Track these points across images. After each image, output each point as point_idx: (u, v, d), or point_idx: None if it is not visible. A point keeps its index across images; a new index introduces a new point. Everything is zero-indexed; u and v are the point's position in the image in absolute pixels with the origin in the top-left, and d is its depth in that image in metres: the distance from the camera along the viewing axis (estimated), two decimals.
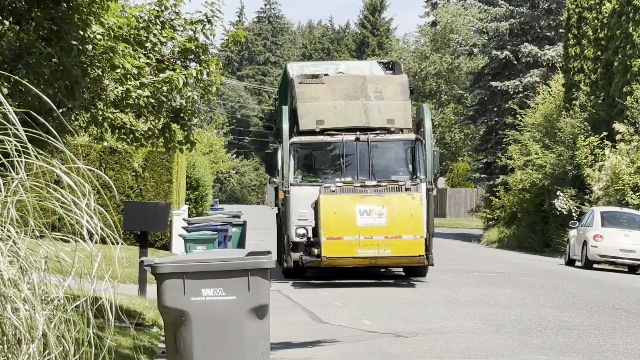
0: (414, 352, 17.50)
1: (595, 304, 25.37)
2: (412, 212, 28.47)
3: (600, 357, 16.83)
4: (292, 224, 29.61)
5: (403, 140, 31.44)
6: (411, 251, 28.32)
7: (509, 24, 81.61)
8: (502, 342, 18.54)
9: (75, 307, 7.93)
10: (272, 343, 12.15)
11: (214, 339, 11.41)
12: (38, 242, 8.02)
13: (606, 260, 40.08)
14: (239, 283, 11.44)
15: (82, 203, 7.86)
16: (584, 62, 57.58)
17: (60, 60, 14.52)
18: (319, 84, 31.41)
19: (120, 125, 18.26)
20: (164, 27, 17.69)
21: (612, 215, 41.42)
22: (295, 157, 30.85)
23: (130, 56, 16.56)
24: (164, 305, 11.47)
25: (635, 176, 47.13)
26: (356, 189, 29.18)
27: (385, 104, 31.39)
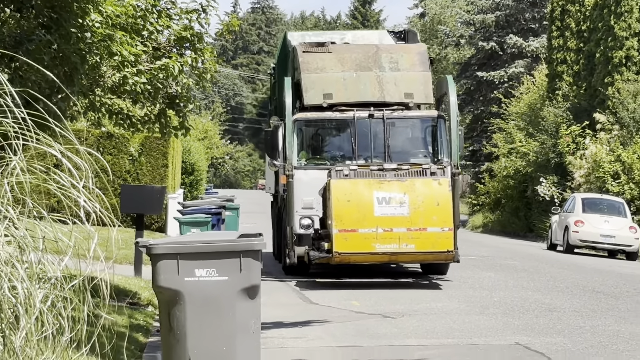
0: (400, 332, 17.51)
1: (575, 287, 25.41)
2: (439, 200, 23.22)
3: (580, 337, 16.85)
4: (296, 213, 24.61)
5: (424, 118, 26.38)
6: (438, 246, 23.00)
7: (495, 16, 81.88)
8: (486, 323, 18.55)
9: (72, 286, 7.93)
10: (263, 323, 12.16)
11: (206, 318, 11.41)
12: (36, 223, 8.00)
13: (587, 245, 40.18)
14: (231, 264, 11.44)
15: (79, 185, 7.86)
16: (567, 53, 57.73)
17: (59, 48, 14.51)
18: (326, 52, 26.26)
19: (117, 110, 18.26)
20: (160, 16, 17.67)
21: (592, 201, 41.53)
22: (300, 136, 25.65)
23: (128, 44, 16.54)
24: (159, 285, 11.47)
25: (615, 164, 47.24)
26: (373, 173, 23.67)
27: (402, 75, 26.03)
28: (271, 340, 15.39)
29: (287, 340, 16.43)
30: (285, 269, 26.26)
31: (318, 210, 24.60)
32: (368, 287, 23.87)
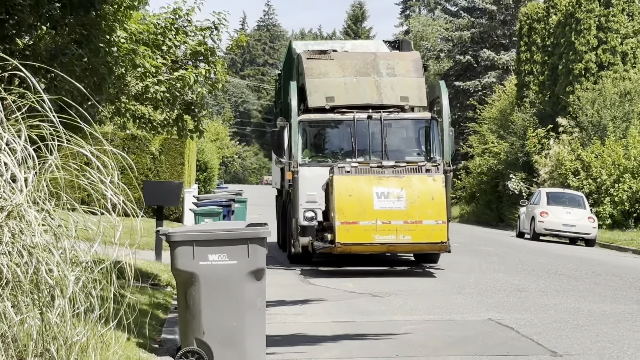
0: (387, 309, 17.51)
1: (541, 270, 25.39)
2: (434, 195, 22.37)
3: (545, 314, 16.84)
4: (301, 206, 23.72)
5: (418, 119, 25.37)
6: (433, 237, 22.21)
7: (471, 32, 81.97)
8: (462, 301, 18.54)
9: (100, 269, 7.92)
10: (267, 301, 12.15)
11: (218, 297, 11.40)
12: (69, 214, 7.99)
13: (551, 233, 40.15)
14: (240, 250, 11.43)
15: (107, 181, 7.85)
16: (534, 65, 57.87)
17: (89, 60, 14.48)
18: (328, 59, 25.25)
19: (140, 115, 18.24)
20: (178, 33, 17.66)
21: (556, 195, 41.52)
22: (304, 135, 24.79)
23: (149, 57, 16.53)
24: (177, 268, 11.47)
25: (576, 162, 47.28)
26: (372, 169, 22.72)
27: (398, 80, 25.15)
28: (275, 317, 15.37)
29: (289, 317, 16.43)
30: (290, 257, 25.49)
31: (321, 204, 23.79)
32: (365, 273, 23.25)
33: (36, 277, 7.49)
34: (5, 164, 7.56)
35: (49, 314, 7.54)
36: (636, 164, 44.86)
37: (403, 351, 13.19)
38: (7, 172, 7.58)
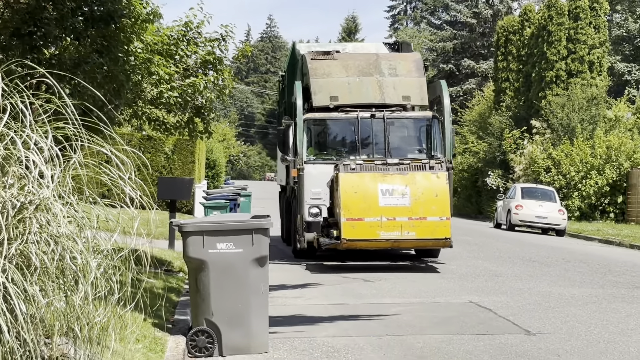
0: (378, 292, 17.53)
1: (516, 257, 25.41)
2: (438, 192, 20.77)
3: (519, 297, 16.87)
4: (306, 203, 22.00)
5: (419, 118, 23.34)
6: (437, 234, 20.62)
7: (453, 44, 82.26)
8: (445, 285, 18.56)
9: (119, 257, 7.91)
10: (270, 285, 12.15)
11: (226, 282, 11.40)
12: (91, 207, 7.99)
13: (525, 224, 40.18)
14: (245, 239, 11.44)
15: (125, 177, 7.85)
16: (509, 73, 58.02)
17: (109, 69, 14.48)
18: (331, 60, 23.51)
19: (155, 118, 18.26)
20: (189, 44, 17.66)
21: (529, 190, 41.59)
22: (309, 134, 22.83)
23: (163, 66, 16.54)
24: (188, 256, 11.48)
25: (547, 160, 47.39)
26: (377, 167, 21.14)
27: (400, 80, 23.37)
28: (276, 299, 15.38)
29: (289, 299, 16.44)
30: (295, 252, 23.73)
31: (325, 200, 22.05)
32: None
33: (61, 263, 7.49)
34: (34, 161, 7.56)
35: (73, 297, 7.54)
36: (602, 162, 44.95)
37: (392, 330, 13.20)
38: (36, 169, 7.59)
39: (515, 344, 12.14)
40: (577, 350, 11.78)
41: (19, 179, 7.63)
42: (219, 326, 11.39)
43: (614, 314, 14.95)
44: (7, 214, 7.39)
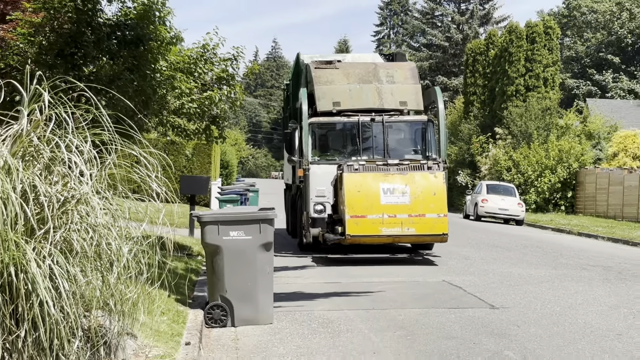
0: (365, 273, 17.53)
1: (482, 244, 25.43)
2: (435, 190, 19.26)
3: (485, 277, 16.89)
4: (311, 200, 20.58)
5: (416, 121, 21.56)
6: (435, 230, 19.08)
7: (429, 63, 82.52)
8: (424, 267, 18.58)
9: (147, 243, 7.90)
10: (275, 267, 12.15)
11: (237, 264, 11.40)
12: (124, 200, 7.98)
13: (489, 215, 40.21)
14: (253, 228, 11.45)
15: (152, 175, 7.84)
16: (477, 88, 58.12)
17: (139, 84, 14.47)
18: (333, 68, 22.04)
19: (177, 126, 18.24)
20: (206, 63, 17.65)
21: (493, 186, 41.64)
22: (313, 136, 21.20)
23: (185, 81, 16.52)
24: (206, 242, 11.49)
25: (508, 161, 47.45)
26: (379, 167, 19.63)
27: (397, 87, 21.84)
28: (280, 279, 15.37)
29: (290, 279, 16.43)
30: (301, 246, 21.81)
31: (329, 198, 20.55)
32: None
33: (98, 248, 7.48)
34: (75, 162, 7.55)
35: (108, 277, 7.53)
36: (554, 163, 45.02)
37: (378, 304, 13.20)
38: (77, 168, 7.57)
39: (481, 317, 12.15)
40: (533, 321, 11.79)
41: (63, 177, 7.62)
42: (231, 301, 11.40)
43: (564, 291, 14.98)
44: (53, 206, 7.38)
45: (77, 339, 7.21)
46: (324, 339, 10.58)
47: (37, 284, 6.82)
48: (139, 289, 7.85)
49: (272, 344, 10.30)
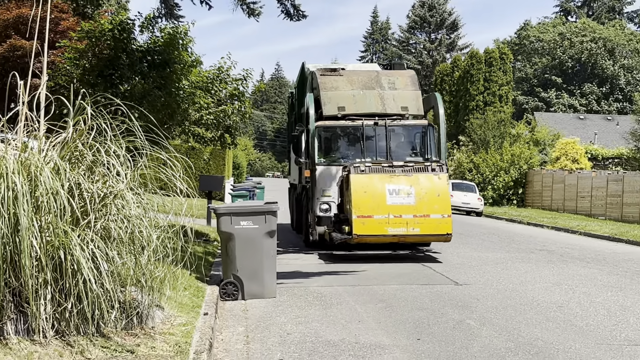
0: (353, 255, 17.51)
1: None
2: (439, 192, 16.89)
3: (452, 259, 16.89)
4: (317, 200, 18.38)
5: (417, 125, 19.23)
6: (439, 230, 16.59)
7: None
8: (402, 253, 18.55)
9: (172, 231, 7.89)
10: (277, 251, 12.14)
11: (247, 248, 11.38)
12: (153, 196, 7.97)
13: (454, 208, 40.15)
14: (260, 218, 11.43)
15: (177, 175, 7.83)
16: (444, 103, 58.12)
17: (165, 99, 14.46)
18: (338, 75, 19.86)
19: (197, 134, 18.22)
20: (221, 82, 17.63)
21: (457, 184, 41.54)
22: (319, 139, 18.91)
23: (203, 97, 16.50)
24: (220, 230, 11.46)
25: (470, 164, 47.39)
26: (384, 169, 17.23)
27: (398, 93, 19.61)
28: (281, 260, 15.35)
29: (290, 261, 16.41)
30: (307, 243, 19.45)
31: (334, 197, 18.30)
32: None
33: (132, 235, 7.47)
34: (113, 164, 7.55)
35: (140, 258, 7.52)
36: (507, 165, 45.00)
37: (362, 282, 13.19)
38: (114, 169, 7.57)
39: (447, 292, 12.15)
40: (490, 296, 11.80)
41: (103, 176, 7.62)
42: (242, 279, 11.39)
43: (516, 271, 14.98)
44: (94, 201, 7.37)
45: (114, 310, 7.20)
46: (317, 310, 10.58)
47: (81, 264, 6.81)
48: (166, 268, 7.84)
49: (275, 314, 10.30)
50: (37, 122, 7.65)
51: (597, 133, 60.59)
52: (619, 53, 74.95)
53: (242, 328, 9.35)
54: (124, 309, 7.40)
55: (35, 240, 6.72)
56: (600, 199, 33.77)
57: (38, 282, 6.73)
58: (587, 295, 12.15)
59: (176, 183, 7.78)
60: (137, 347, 7.09)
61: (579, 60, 75.26)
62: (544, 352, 8.14)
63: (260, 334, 9.04)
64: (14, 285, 6.76)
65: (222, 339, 8.67)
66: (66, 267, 6.81)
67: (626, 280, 13.99)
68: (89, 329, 6.96)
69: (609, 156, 50.88)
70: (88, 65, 14.66)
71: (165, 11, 18.78)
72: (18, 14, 23.50)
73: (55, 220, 6.91)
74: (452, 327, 9.41)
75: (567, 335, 9.03)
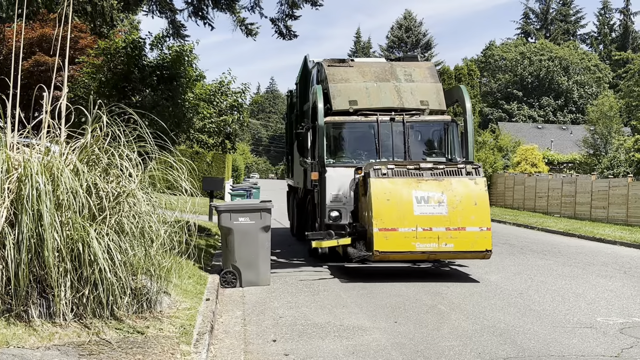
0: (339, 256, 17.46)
1: None
2: (477, 199, 12.22)
3: None
4: (327, 206, 13.89)
5: (439, 122, 14.81)
6: (477, 246, 11.98)
7: None
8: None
9: (178, 225, 7.89)
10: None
11: (244, 241, 11.37)
12: (161, 195, 7.96)
13: None
14: (256, 215, 11.43)
15: (182, 176, 7.83)
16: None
17: (172, 109, 14.44)
18: (348, 67, 15.57)
19: (200, 140, 18.20)
20: (222, 95, 17.63)
21: None
22: (329, 137, 14.49)
23: (206, 108, 16.49)
24: (221, 225, 11.45)
25: None
26: (410, 171, 12.52)
27: (417, 86, 15.26)
28: (274, 254, 15.31)
29: (282, 255, 16.38)
30: (312, 253, 14.78)
31: (346, 204, 13.84)
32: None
33: (142, 229, 7.46)
34: (126, 166, 7.55)
35: (149, 250, 7.51)
36: None
37: (348, 272, 13.17)
38: (127, 171, 7.57)
39: (421, 280, 12.14)
40: (458, 285, 11.80)
41: (117, 177, 7.61)
42: (240, 268, 11.39)
43: (481, 262, 14.86)
44: (109, 199, 7.36)
45: (126, 296, 7.19)
46: (306, 296, 10.59)
47: (97, 255, 6.81)
48: (172, 259, 7.83)
49: (270, 299, 10.30)
50: (58, 129, 7.64)
51: (553, 141, 60.90)
52: (572, 70, 75.43)
53: (240, 312, 9.35)
54: (135, 295, 7.39)
55: (57, 233, 6.71)
56: (556, 198, 33.93)
57: (59, 271, 6.73)
58: (544, 283, 12.21)
59: (182, 183, 7.77)
60: (147, 329, 7.09)
61: (537, 76, 75.68)
62: (506, 333, 8.19)
63: (256, 317, 9.05)
64: (38, 274, 6.76)
65: (222, 322, 8.67)
66: (84, 258, 6.81)
67: (578, 271, 14.07)
68: (104, 312, 6.96)
69: (564, 161, 51.12)
70: (104, 79, 14.64)
71: (172, 31, 18.78)
72: (42, 33, 23.51)
73: (74, 216, 6.91)
74: (425, 311, 9.44)
75: (526, 318, 9.07)
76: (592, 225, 26.15)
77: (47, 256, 6.60)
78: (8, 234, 6.65)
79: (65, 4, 9.16)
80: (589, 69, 76.44)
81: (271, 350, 7.36)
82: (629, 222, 26.34)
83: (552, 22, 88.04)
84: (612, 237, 21.54)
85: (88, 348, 6.32)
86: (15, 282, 6.55)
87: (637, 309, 9.86)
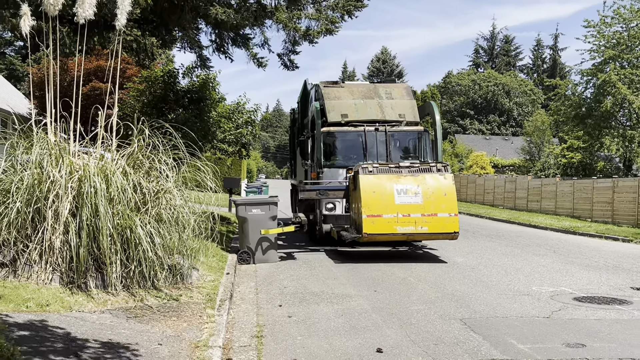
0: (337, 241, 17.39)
1: None
2: (446, 191, 12.36)
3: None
4: (323, 200, 13.83)
5: (414, 131, 15.00)
6: (447, 228, 12.04)
7: None
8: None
9: (205, 215, 7.87)
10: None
11: (256, 228, 11.33)
12: (191, 191, 7.94)
13: None
14: (266, 207, 11.39)
15: (207, 177, 7.81)
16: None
17: (200, 124, 14.40)
18: (340, 87, 15.92)
19: (222, 149, 18.18)
20: (239, 113, 17.61)
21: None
22: (325, 144, 14.59)
23: (226, 123, 16.46)
24: (238, 215, 11.41)
25: None
26: (391, 169, 12.70)
27: (395, 102, 15.61)
28: (281, 238, 15.25)
29: (286, 238, 16.31)
30: (312, 238, 15.37)
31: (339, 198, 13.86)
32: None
33: (176, 219, 7.44)
34: (163, 169, 7.53)
35: (182, 235, 7.50)
36: None
37: (340, 253, 13.13)
38: (164, 173, 7.55)
39: (395, 259, 12.11)
40: (424, 261, 11.78)
41: (156, 178, 7.58)
42: (253, 249, 11.35)
43: (442, 244, 14.88)
44: (150, 194, 7.34)
45: (164, 270, 7.18)
46: (306, 271, 10.57)
47: (141, 239, 6.79)
48: (200, 242, 7.81)
49: (276, 273, 10.28)
50: (110, 140, 7.63)
51: (498, 149, 60.99)
52: (513, 94, 75.69)
53: (253, 283, 9.33)
54: (170, 270, 7.38)
55: (109, 222, 6.70)
56: (500, 194, 33.97)
57: (111, 251, 6.71)
58: (491, 260, 12.22)
59: (207, 183, 7.76)
60: (180, 297, 7.09)
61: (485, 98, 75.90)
62: (462, 299, 8.19)
63: (266, 287, 9.03)
64: (94, 254, 6.75)
65: (239, 291, 8.65)
66: (131, 241, 6.80)
67: (518, 250, 14.07)
68: (147, 284, 6.95)
69: (506, 165, 51.21)
70: (146, 101, 14.60)
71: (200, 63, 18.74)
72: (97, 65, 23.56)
73: (123, 208, 6.90)
74: (398, 283, 9.44)
75: (477, 288, 9.08)
76: (529, 215, 26.20)
77: (101, 240, 6.59)
78: (71, 222, 6.65)
79: (115, 42, 9.14)
80: (526, 93, 76.79)
81: (278, 313, 7.35)
82: (557, 212, 26.43)
83: (497, 56, 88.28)
84: (544, 224, 21.59)
85: (134, 312, 6.32)
86: (76, 260, 6.55)
87: (564, 280, 9.89)
